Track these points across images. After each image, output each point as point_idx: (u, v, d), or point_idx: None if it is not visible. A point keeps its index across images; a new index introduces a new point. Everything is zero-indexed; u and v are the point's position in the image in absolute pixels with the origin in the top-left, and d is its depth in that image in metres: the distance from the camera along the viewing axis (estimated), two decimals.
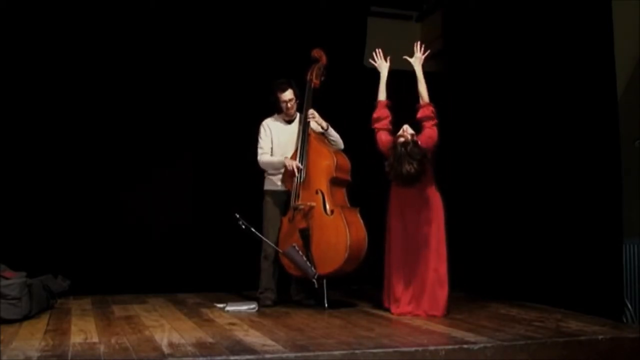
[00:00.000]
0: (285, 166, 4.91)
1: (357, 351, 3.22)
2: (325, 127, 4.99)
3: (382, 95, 4.88)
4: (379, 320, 4.29)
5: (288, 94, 4.99)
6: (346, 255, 4.64)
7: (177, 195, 5.96)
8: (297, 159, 4.91)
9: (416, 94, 7.01)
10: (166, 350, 3.26)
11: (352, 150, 5.09)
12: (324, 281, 4.76)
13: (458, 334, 3.72)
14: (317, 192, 4.82)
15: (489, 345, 3.39)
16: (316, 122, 4.97)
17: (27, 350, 3.25)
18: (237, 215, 4.66)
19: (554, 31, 4.93)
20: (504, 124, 5.44)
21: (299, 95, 5.04)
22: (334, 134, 5.05)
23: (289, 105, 5.01)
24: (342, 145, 5.09)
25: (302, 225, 4.80)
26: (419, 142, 4.46)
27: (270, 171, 5.07)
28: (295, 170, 4.85)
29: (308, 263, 4.70)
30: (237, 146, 5.74)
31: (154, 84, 5.87)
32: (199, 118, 6.00)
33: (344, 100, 5.94)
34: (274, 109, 5.10)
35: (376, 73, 6.65)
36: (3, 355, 3.14)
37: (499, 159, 5.49)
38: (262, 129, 5.08)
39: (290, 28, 6.07)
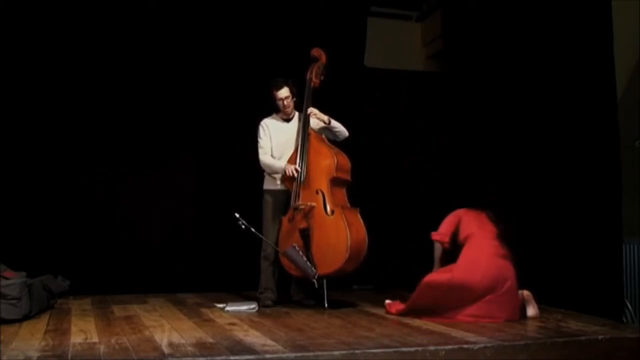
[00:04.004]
0: (284, 171, 4.91)
1: (357, 351, 3.22)
2: (327, 121, 4.97)
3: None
4: (379, 320, 4.28)
5: (283, 92, 4.98)
6: (346, 255, 4.63)
7: (177, 195, 5.96)
8: (297, 158, 4.89)
9: (415, 95, 7.01)
10: (166, 350, 3.25)
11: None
12: (324, 281, 4.76)
13: (458, 334, 3.71)
14: (317, 192, 4.82)
15: (489, 345, 3.39)
16: (317, 118, 4.96)
17: (27, 350, 3.24)
18: (237, 215, 4.65)
19: (554, 31, 4.93)
20: (504, 124, 5.44)
21: (296, 94, 5.03)
22: (337, 125, 5.01)
23: (285, 103, 5.00)
24: (347, 133, 5.05)
25: (303, 225, 4.79)
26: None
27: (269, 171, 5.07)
28: (295, 173, 4.84)
29: (308, 263, 4.69)
30: (237, 146, 5.75)
31: (154, 85, 5.86)
32: (199, 118, 6.00)
33: (344, 100, 5.95)
34: (273, 108, 5.10)
35: (376, 73, 6.70)
36: (3, 355, 3.14)
37: (498, 159, 5.49)
38: (260, 129, 5.07)
39: (290, 28, 6.07)
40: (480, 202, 5.68)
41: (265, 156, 5.01)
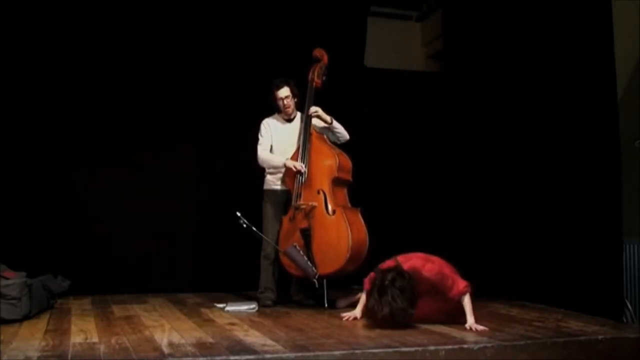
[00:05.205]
0: (286, 167, 4.90)
1: (357, 351, 3.22)
2: (330, 121, 4.98)
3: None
4: None
5: (284, 91, 4.98)
6: (347, 255, 4.64)
7: (177, 195, 5.96)
8: (299, 158, 4.90)
9: (415, 95, 6.97)
10: (166, 350, 3.26)
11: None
12: (324, 281, 4.76)
13: (458, 334, 3.72)
14: (318, 192, 4.82)
15: (489, 345, 3.39)
16: (320, 118, 4.96)
17: (27, 350, 3.25)
18: (239, 214, 4.65)
19: (554, 31, 4.93)
20: (504, 123, 5.44)
21: (297, 94, 5.03)
22: (338, 127, 5.03)
23: (285, 102, 5.00)
24: (347, 137, 5.08)
25: (303, 225, 4.79)
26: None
27: (268, 170, 5.07)
28: (301, 168, 4.83)
29: (309, 263, 4.69)
30: (238, 146, 5.74)
31: (155, 86, 5.85)
32: (200, 118, 5.99)
33: (344, 100, 5.94)
34: (274, 108, 5.10)
35: (376, 73, 6.71)
36: (3, 355, 3.14)
37: (499, 159, 5.49)
38: (262, 127, 5.08)
39: (290, 28, 6.06)
40: (480, 202, 5.71)
41: (263, 152, 5.01)
